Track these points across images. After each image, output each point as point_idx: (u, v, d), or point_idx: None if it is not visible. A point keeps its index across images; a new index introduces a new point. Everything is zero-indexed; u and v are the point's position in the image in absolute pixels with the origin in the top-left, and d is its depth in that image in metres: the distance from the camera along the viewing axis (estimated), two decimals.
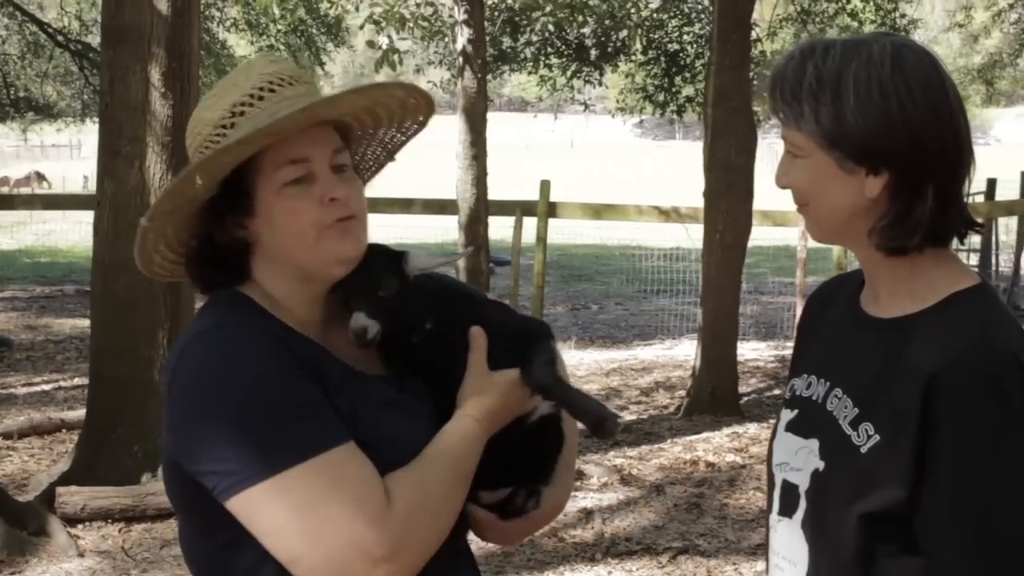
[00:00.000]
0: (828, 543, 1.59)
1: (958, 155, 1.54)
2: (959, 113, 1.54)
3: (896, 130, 1.50)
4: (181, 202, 1.62)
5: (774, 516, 1.70)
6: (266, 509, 1.48)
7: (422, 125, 1.77)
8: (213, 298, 1.67)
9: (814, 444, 1.62)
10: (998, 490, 1.46)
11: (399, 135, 1.79)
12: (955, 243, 1.61)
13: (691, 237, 10.45)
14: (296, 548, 1.48)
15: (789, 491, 1.66)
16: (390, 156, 1.83)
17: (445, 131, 9.12)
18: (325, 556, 1.47)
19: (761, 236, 11.44)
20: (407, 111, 1.73)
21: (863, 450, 1.53)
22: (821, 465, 1.60)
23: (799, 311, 10.89)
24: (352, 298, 1.61)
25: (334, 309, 1.67)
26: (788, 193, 1.63)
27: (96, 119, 6.75)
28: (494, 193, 9.38)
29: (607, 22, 15.70)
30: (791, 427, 1.69)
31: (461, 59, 8.78)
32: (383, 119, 1.73)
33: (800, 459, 1.64)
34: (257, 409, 1.50)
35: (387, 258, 1.65)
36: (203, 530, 1.59)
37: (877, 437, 1.52)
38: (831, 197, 1.56)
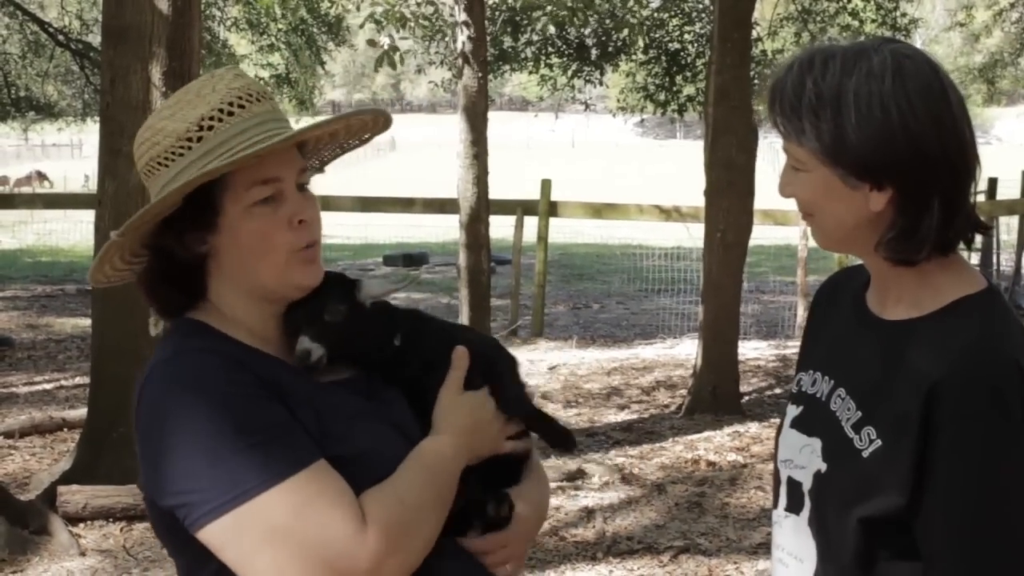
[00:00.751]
0: (830, 544, 1.59)
1: (963, 164, 1.52)
2: (962, 121, 1.52)
3: (898, 145, 1.48)
4: (148, 217, 1.60)
5: (780, 511, 1.70)
6: (235, 539, 1.46)
7: (364, 143, 1.79)
8: (174, 325, 1.67)
9: (816, 444, 1.62)
10: (996, 498, 1.45)
11: (339, 150, 1.80)
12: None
13: (692, 236, 10.44)
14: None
15: (795, 488, 1.66)
16: (320, 168, 1.82)
17: (446, 130, 9.13)
18: None
19: (762, 235, 11.42)
20: (362, 129, 1.75)
21: (865, 455, 1.53)
22: (823, 467, 1.60)
23: (800, 310, 10.94)
24: (300, 324, 1.63)
25: None
26: None
27: (97, 118, 6.74)
28: (495, 192, 9.38)
29: (608, 22, 15.68)
30: (795, 423, 1.69)
31: (461, 58, 8.78)
32: (340, 135, 1.75)
33: (804, 457, 1.64)
34: (219, 436, 1.47)
35: (337, 286, 1.68)
36: (191, 564, 1.57)
37: (879, 442, 1.52)
38: (835, 210, 1.55)
